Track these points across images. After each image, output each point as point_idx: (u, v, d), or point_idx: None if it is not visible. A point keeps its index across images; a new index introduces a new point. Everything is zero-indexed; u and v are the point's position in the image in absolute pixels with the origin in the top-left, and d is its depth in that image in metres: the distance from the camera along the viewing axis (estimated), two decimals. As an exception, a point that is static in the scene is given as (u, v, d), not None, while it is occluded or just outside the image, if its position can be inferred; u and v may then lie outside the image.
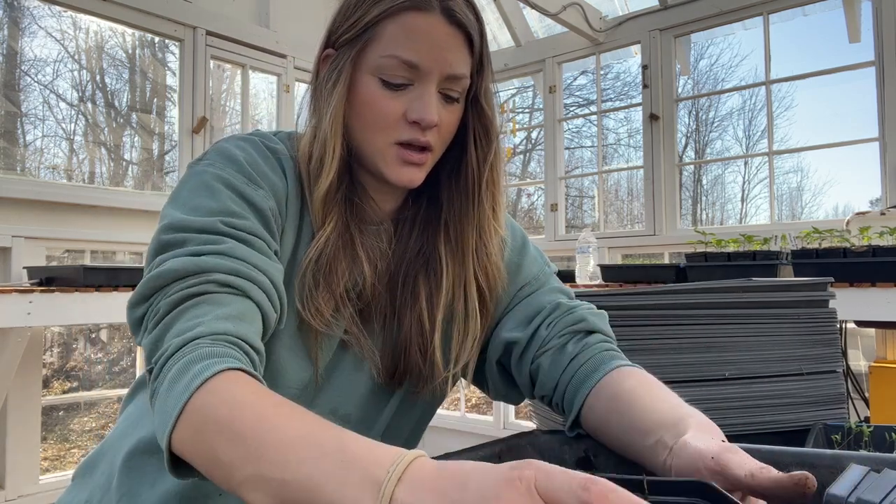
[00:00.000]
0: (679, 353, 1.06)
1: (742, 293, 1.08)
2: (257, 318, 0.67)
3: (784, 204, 5.75)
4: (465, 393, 4.11)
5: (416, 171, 0.78)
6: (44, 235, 2.62)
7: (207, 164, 0.74)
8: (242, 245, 0.69)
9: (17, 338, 2.28)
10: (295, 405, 0.55)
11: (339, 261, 0.77)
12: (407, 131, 0.76)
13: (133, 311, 0.67)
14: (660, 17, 3.19)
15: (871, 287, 1.95)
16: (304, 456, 0.48)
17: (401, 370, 0.82)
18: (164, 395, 0.58)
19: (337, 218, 0.78)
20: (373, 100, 0.76)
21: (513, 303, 0.88)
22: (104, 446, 0.86)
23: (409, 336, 0.81)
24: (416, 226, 0.85)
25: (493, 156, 0.82)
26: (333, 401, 0.81)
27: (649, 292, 1.07)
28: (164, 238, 0.69)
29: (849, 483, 0.55)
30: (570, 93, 5.08)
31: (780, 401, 1.07)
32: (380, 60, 0.75)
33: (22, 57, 3.23)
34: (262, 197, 0.74)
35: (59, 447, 4.34)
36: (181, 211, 0.70)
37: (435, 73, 0.75)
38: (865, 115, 2.73)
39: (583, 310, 0.85)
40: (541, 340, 0.83)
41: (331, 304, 0.76)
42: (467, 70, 0.78)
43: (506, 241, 0.88)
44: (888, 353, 2.23)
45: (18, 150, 3.15)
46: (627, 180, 6.21)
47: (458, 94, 0.79)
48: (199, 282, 0.64)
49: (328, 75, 0.78)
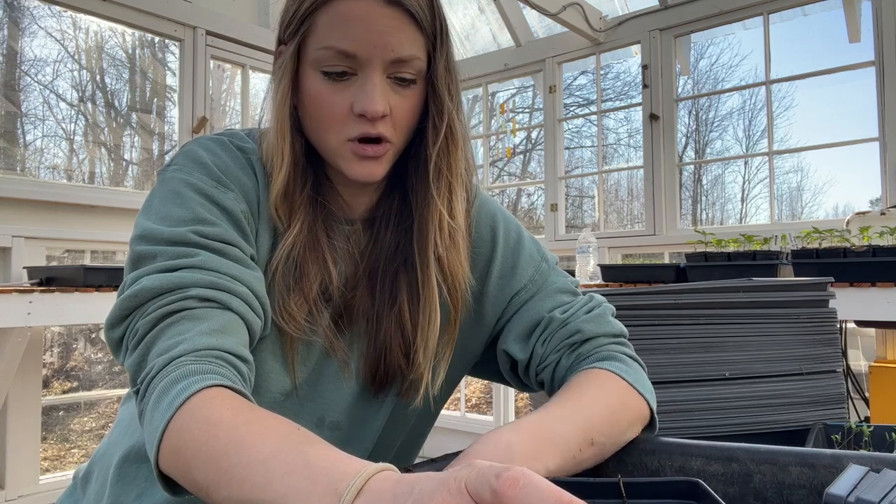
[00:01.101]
0: (679, 353, 1.06)
1: (742, 293, 1.08)
2: (242, 329, 0.65)
3: (784, 204, 5.75)
4: (465, 393, 4.11)
5: (374, 165, 0.73)
6: (44, 235, 2.62)
7: (175, 169, 0.72)
8: (216, 256, 0.67)
9: (17, 338, 2.28)
10: (269, 419, 0.54)
11: (308, 262, 0.74)
12: (356, 126, 0.72)
13: (111, 332, 0.66)
14: (660, 17, 3.19)
15: (871, 287, 1.95)
16: (271, 475, 0.48)
17: (382, 373, 0.79)
18: (150, 415, 0.57)
19: (303, 218, 0.75)
20: (317, 95, 0.72)
21: (509, 310, 0.85)
22: (98, 453, 0.85)
23: (390, 337, 0.78)
24: (391, 223, 0.81)
25: (446, 140, 0.76)
26: (320, 409, 0.79)
27: (649, 292, 1.07)
28: (137, 250, 0.67)
29: (848, 483, 0.55)
30: (570, 93, 5.07)
31: (780, 401, 1.07)
32: (317, 53, 0.71)
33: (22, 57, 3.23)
34: (232, 199, 0.71)
35: (59, 447, 4.34)
36: (152, 220, 0.69)
37: (376, 59, 0.70)
38: (865, 115, 2.73)
39: (577, 320, 0.81)
40: (539, 358, 0.81)
41: (304, 308, 0.74)
42: (417, 50, 0.72)
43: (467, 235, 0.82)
44: (888, 353, 2.23)
45: (18, 150, 3.15)
46: (627, 180, 6.21)
47: (412, 76, 0.73)
48: (176, 298, 0.63)
49: (275, 73, 0.76)
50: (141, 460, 0.77)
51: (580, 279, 2.78)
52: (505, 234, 0.87)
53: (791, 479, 0.63)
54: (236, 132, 0.79)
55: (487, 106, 4.03)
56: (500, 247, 0.86)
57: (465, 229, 0.81)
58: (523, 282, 0.85)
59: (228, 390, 0.57)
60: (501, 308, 0.85)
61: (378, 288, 0.79)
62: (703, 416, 1.06)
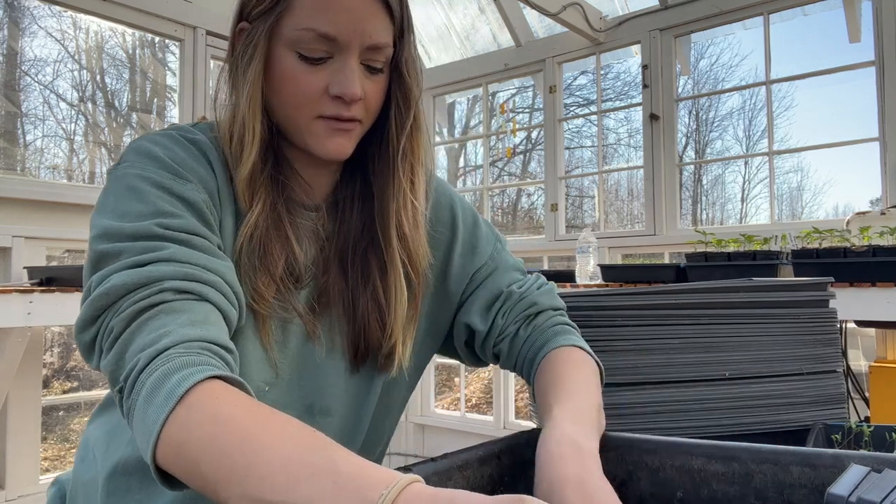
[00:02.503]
0: (679, 353, 1.06)
1: (742, 293, 1.08)
2: (220, 319, 0.65)
3: (784, 204, 5.75)
4: (465, 393, 4.11)
5: (344, 140, 0.76)
6: (44, 235, 2.62)
7: (127, 165, 0.70)
8: (184, 247, 0.66)
9: (17, 338, 2.28)
10: (283, 418, 0.53)
11: (271, 241, 0.74)
12: (330, 106, 0.73)
13: (81, 335, 0.64)
14: (660, 17, 3.19)
15: (871, 287, 1.94)
16: (294, 477, 0.47)
17: (363, 349, 0.81)
18: (142, 411, 0.55)
19: (264, 198, 0.75)
20: (291, 75, 0.72)
21: (471, 285, 0.90)
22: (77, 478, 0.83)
23: (367, 313, 0.80)
24: (355, 203, 0.83)
25: (412, 125, 0.80)
26: (308, 396, 0.79)
27: (649, 292, 1.07)
28: (98, 248, 0.65)
29: (850, 483, 0.55)
30: (570, 93, 5.07)
31: (780, 401, 1.07)
32: (295, 33, 0.71)
33: (22, 57, 3.23)
34: (192, 190, 0.70)
35: (59, 447, 4.34)
36: (110, 218, 0.66)
37: (354, 44, 0.72)
38: (865, 115, 2.73)
39: (532, 294, 0.89)
40: (498, 329, 0.88)
41: (272, 287, 0.74)
42: (389, 39, 0.75)
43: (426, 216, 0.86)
44: (888, 353, 2.23)
45: (18, 150, 3.15)
46: (627, 180, 6.21)
47: (381, 64, 0.76)
48: (151, 292, 0.61)
49: (243, 50, 0.74)
50: (129, 472, 0.76)
51: (580, 279, 2.78)
52: (463, 217, 0.92)
53: (792, 478, 0.63)
54: (182, 126, 0.78)
55: (487, 106, 4.03)
56: (459, 229, 0.91)
57: (425, 211, 0.85)
58: (484, 259, 0.92)
59: (227, 383, 0.56)
60: (464, 284, 0.90)
61: (350, 269, 0.81)
62: (703, 416, 1.06)
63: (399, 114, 0.79)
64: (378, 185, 0.81)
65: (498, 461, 0.72)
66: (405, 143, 0.80)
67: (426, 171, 0.84)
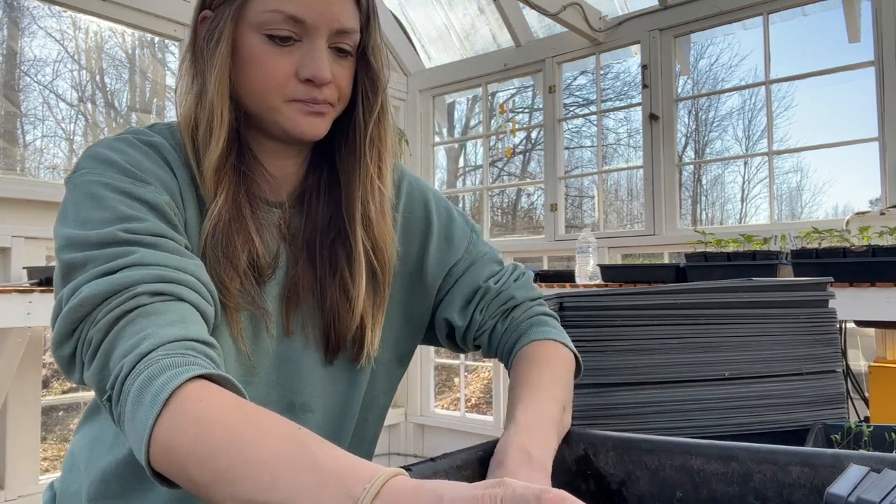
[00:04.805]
0: (679, 353, 1.06)
1: (742, 293, 1.08)
2: (198, 317, 0.64)
3: (784, 204, 5.75)
4: (465, 393, 4.11)
5: (318, 121, 0.75)
6: (44, 235, 2.62)
7: (85, 172, 0.69)
8: (152, 250, 0.65)
9: (17, 338, 2.28)
10: (267, 416, 0.53)
11: (233, 233, 0.73)
12: (301, 90, 0.73)
13: (60, 350, 0.62)
14: (660, 17, 3.19)
15: (870, 287, 1.94)
16: (278, 475, 0.47)
17: (334, 341, 0.81)
18: (131, 416, 0.55)
19: (228, 188, 0.74)
20: (259, 58, 0.72)
21: (449, 280, 0.91)
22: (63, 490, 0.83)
23: (336, 304, 0.80)
24: (321, 195, 0.83)
25: (380, 111, 0.80)
26: (288, 393, 0.80)
27: (649, 292, 1.07)
28: (66, 259, 0.64)
29: (849, 483, 0.55)
30: (570, 93, 5.07)
31: (780, 401, 1.07)
32: (263, 16, 0.71)
33: (22, 57, 3.23)
34: (153, 192, 0.69)
35: (59, 447, 4.34)
36: (72, 227, 0.65)
37: (323, 27, 0.72)
38: (865, 115, 2.73)
39: (508, 288, 0.90)
40: (476, 324, 0.89)
41: (235, 280, 0.73)
42: (356, 24, 0.76)
43: (396, 206, 0.88)
44: (888, 353, 2.23)
45: (18, 150, 3.15)
46: (627, 180, 6.21)
47: (349, 48, 0.76)
48: (126, 298, 0.60)
49: (208, 35, 0.73)
50: (109, 479, 0.75)
51: (580, 279, 2.78)
52: (437, 208, 0.93)
53: (791, 478, 0.63)
54: (138, 129, 0.77)
55: (487, 106, 4.03)
56: (434, 221, 0.91)
57: (392, 198, 0.85)
58: (460, 252, 0.92)
59: (210, 382, 0.56)
60: (441, 277, 0.91)
61: (318, 261, 0.81)
62: (703, 416, 1.06)
63: (367, 100, 0.79)
64: (345, 171, 0.81)
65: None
66: (373, 129, 0.80)
67: (392, 157, 0.84)
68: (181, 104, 0.77)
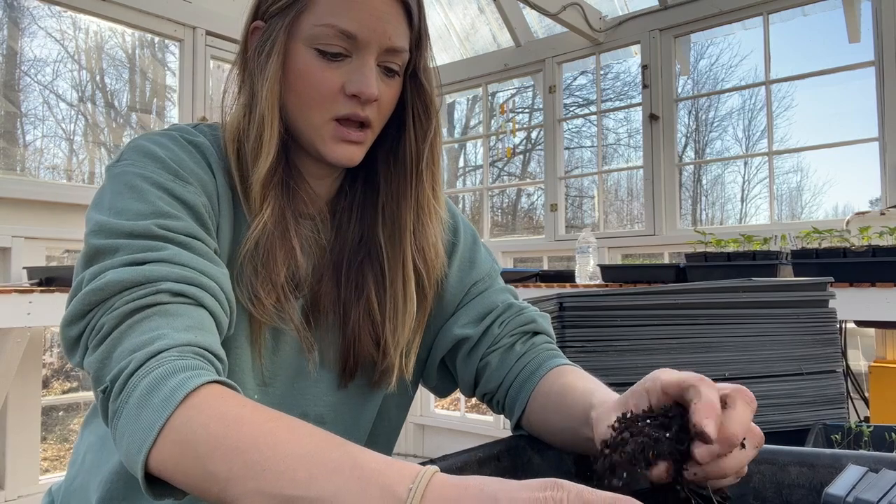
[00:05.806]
0: (679, 353, 1.06)
1: (742, 293, 1.08)
2: (214, 326, 0.63)
3: (784, 204, 5.74)
4: (464, 393, 4.11)
5: (355, 149, 0.75)
6: (44, 235, 2.62)
7: (127, 164, 0.69)
8: (183, 250, 0.64)
9: (17, 338, 2.28)
10: (291, 418, 0.53)
11: (276, 248, 0.73)
12: (345, 105, 0.73)
13: (68, 329, 0.61)
14: (660, 17, 3.19)
15: (870, 287, 1.94)
16: (315, 472, 0.46)
17: (352, 363, 0.79)
18: (134, 413, 0.53)
19: (274, 203, 0.73)
20: (308, 71, 0.72)
21: (466, 298, 0.87)
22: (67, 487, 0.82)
23: (359, 327, 0.78)
24: (353, 213, 0.82)
25: (433, 133, 0.79)
26: (301, 404, 0.79)
27: (649, 292, 1.07)
28: (94, 243, 0.63)
29: (847, 482, 0.55)
30: (570, 93, 5.07)
31: (780, 401, 1.07)
32: (315, 30, 0.71)
33: (22, 57, 3.23)
34: (192, 193, 0.69)
35: (59, 447, 4.34)
36: (107, 215, 0.65)
37: (374, 44, 0.72)
38: (865, 115, 2.73)
39: (532, 311, 0.87)
40: (492, 338, 0.84)
41: (272, 294, 0.72)
42: (406, 43, 0.75)
43: (446, 223, 0.86)
44: (888, 353, 2.23)
45: (18, 150, 3.15)
46: (627, 180, 6.20)
47: (397, 68, 0.75)
48: (147, 292, 0.59)
49: (260, 47, 0.73)
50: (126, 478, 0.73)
51: (580, 279, 2.78)
52: (464, 227, 0.91)
53: (790, 478, 0.63)
54: (184, 127, 0.76)
55: (487, 106, 4.03)
56: (460, 242, 0.89)
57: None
58: (482, 273, 0.89)
59: (227, 388, 0.55)
60: (460, 296, 0.88)
61: (343, 280, 0.80)
62: (703, 416, 1.05)
63: (419, 122, 0.79)
64: (392, 194, 0.80)
65: (497, 462, 0.72)
66: (427, 153, 0.79)
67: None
68: (227, 113, 0.77)
